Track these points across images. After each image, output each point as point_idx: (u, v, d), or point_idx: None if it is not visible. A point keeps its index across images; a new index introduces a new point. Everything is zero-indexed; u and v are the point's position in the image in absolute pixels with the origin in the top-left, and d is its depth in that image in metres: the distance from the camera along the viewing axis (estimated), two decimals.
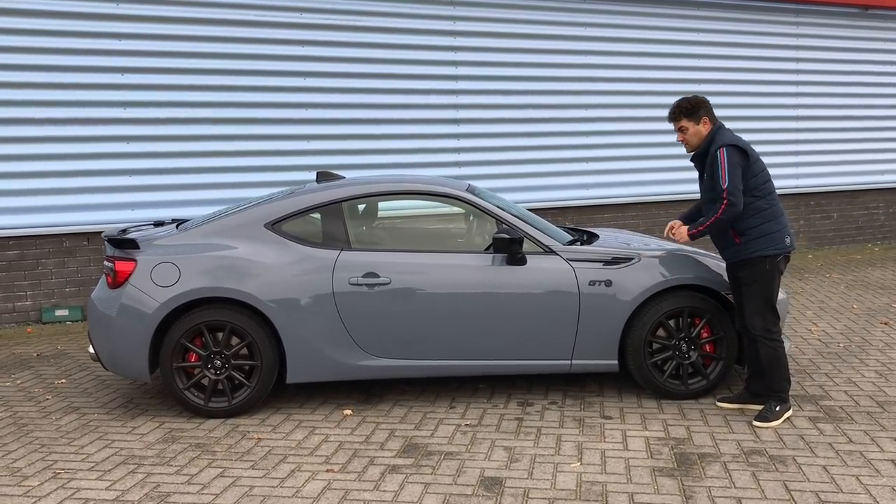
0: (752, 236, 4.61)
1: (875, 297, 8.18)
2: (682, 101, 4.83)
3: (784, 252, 4.66)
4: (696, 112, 4.76)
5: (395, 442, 4.44)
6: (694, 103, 4.78)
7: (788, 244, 4.67)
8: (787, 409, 4.65)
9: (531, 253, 5.01)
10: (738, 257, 4.69)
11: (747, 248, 4.63)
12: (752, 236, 4.61)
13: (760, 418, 4.59)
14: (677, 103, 4.85)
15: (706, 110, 4.78)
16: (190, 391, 4.87)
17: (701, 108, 4.76)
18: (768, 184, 4.68)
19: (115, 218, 8.15)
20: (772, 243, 4.60)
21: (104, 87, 8.10)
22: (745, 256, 4.64)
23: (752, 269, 4.63)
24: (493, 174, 9.90)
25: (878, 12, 12.11)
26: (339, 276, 4.88)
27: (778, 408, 4.63)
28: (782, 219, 4.68)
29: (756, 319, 4.63)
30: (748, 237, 4.62)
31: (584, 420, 4.72)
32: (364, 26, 9.14)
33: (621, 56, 10.56)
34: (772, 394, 4.68)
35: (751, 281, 4.65)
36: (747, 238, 4.62)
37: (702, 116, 4.76)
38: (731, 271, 4.82)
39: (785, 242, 4.65)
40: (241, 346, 4.85)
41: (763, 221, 4.61)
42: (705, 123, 4.76)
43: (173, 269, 4.83)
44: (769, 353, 4.63)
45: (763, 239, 4.60)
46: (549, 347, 5.00)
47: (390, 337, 4.92)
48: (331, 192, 5.14)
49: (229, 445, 4.44)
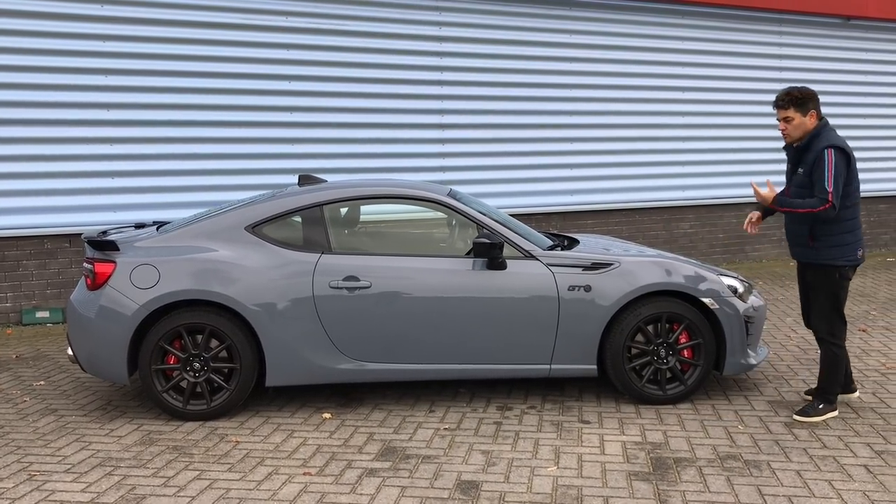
0: (827, 244, 4.62)
1: (854, 304, 8.26)
2: (793, 90, 4.70)
3: (854, 264, 4.68)
4: (805, 104, 4.65)
5: (374, 445, 4.45)
6: (805, 94, 4.66)
7: (860, 256, 4.68)
8: (830, 411, 4.76)
9: (511, 258, 5.04)
10: (810, 259, 4.74)
11: (820, 254, 4.65)
12: (827, 244, 4.62)
13: (802, 413, 4.75)
14: (787, 91, 4.72)
15: (815, 104, 4.68)
16: (168, 394, 4.86)
17: (810, 101, 4.66)
18: (857, 193, 4.66)
19: (98, 220, 8.11)
20: (844, 254, 4.62)
21: (88, 88, 8.07)
22: (816, 261, 4.68)
23: (822, 276, 4.68)
24: (478, 179, 9.93)
25: (860, 22, 12.25)
26: (319, 279, 4.88)
27: (822, 406, 4.76)
28: (858, 231, 4.68)
29: (822, 323, 4.74)
30: (823, 243, 4.63)
31: (563, 424, 4.75)
32: (349, 31, 9.16)
33: (606, 63, 10.63)
34: (821, 393, 4.79)
35: (819, 286, 4.71)
36: (821, 244, 4.63)
37: (810, 109, 4.66)
38: (801, 270, 4.94)
39: (857, 255, 4.66)
40: (220, 349, 4.85)
41: (842, 231, 4.61)
42: (812, 117, 4.67)
43: (153, 272, 4.82)
44: (830, 355, 4.74)
45: (837, 249, 4.61)
46: (529, 352, 5.02)
47: (370, 341, 4.92)
48: (312, 195, 5.14)
49: (207, 448, 4.43)
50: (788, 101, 4.67)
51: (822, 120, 4.70)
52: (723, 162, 11.38)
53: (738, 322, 5.09)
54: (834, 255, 4.62)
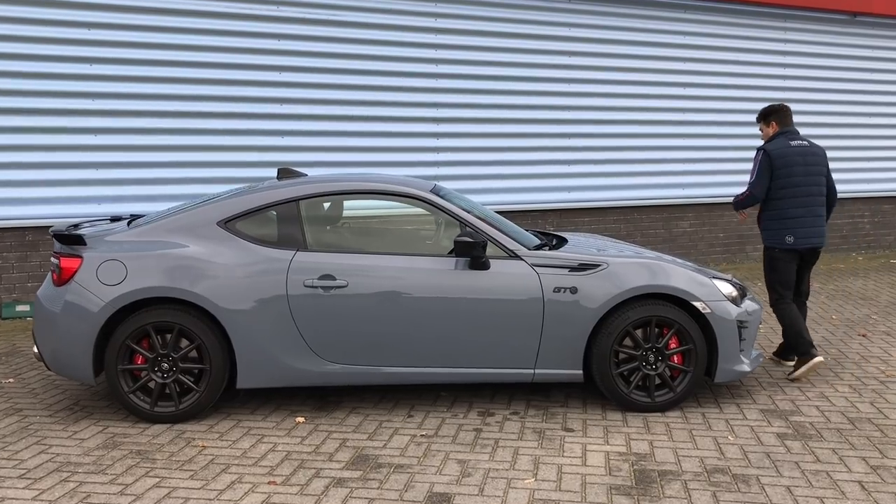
0: (764, 227, 5.76)
1: (855, 307, 8.04)
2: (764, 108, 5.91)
3: (784, 248, 5.62)
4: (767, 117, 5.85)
5: (345, 453, 4.25)
6: (767, 110, 5.86)
7: (789, 243, 5.60)
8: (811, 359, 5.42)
9: (495, 257, 4.83)
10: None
11: (761, 235, 5.83)
12: (764, 227, 5.76)
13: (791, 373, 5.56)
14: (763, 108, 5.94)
15: (775, 116, 5.80)
16: (136, 395, 4.67)
17: (771, 115, 5.83)
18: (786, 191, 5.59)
19: (80, 212, 7.93)
20: (771, 238, 5.69)
21: (71, 77, 7.88)
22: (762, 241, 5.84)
23: (764, 253, 5.81)
24: (473, 174, 9.72)
25: (867, 19, 11.98)
26: (293, 277, 4.68)
27: (799, 358, 5.51)
28: (789, 221, 5.59)
29: (769, 292, 5.77)
30: (762, 227, 5.77)
31: (545, 432, 4.55)
32: (343, 21, 8.95)
33: (606, 58, 10.39)
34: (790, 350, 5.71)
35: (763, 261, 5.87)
36: (762, 228, 5.78)
37: (771, 121, 5.84)
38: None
39: (785, 241, 5.61)
40: (189, 349, 4.66)
41: (771, 219, 5.67)
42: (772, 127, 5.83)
43: (120, 267, 4.63)
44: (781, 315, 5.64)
45: (766, 232, 5.73)
46: (512, 355, 4.81)
47: (346, 342, 4.73)
48: (288, 189, 4.94)
49: (171, 453, 4.24)
50: (759, 117, 5.93)
51: (782, 128, 5.74)
52: (724, 160, 11.11)
53: (730, 327, 4.88)
54: (765, 237, 5.76)
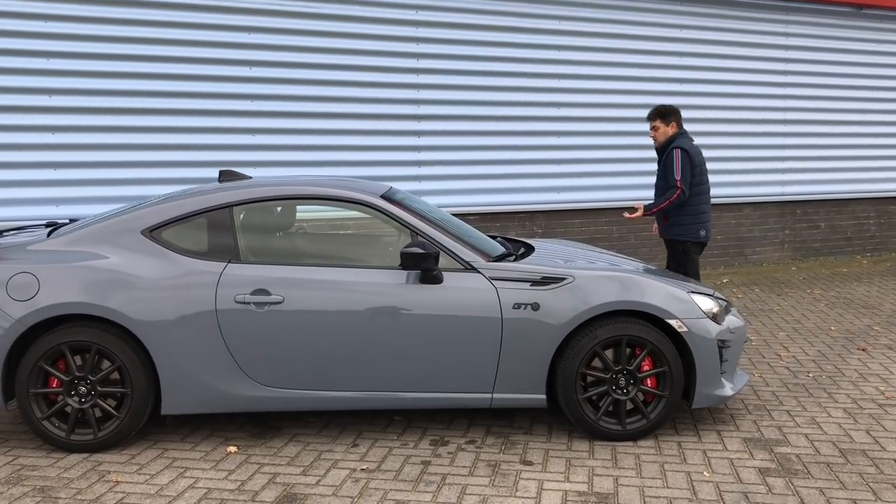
0: (675, 223, 6.01)
1: (856, 317, 7.54)
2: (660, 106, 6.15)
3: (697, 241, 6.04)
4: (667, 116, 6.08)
5: (272, 491, 3.80)
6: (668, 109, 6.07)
7: (702, 236, 6.03)
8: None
9: (449, 270, 4.37)
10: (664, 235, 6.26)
11: (670, 230, 6.12)
12: (675, 223, 6.01)
13: None
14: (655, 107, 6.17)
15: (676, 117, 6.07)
16: (49, 421, 4.24)
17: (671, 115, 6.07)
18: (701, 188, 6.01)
19: (37, 214, 7.48)
20: (686, 232, 6.02)
21: (27, 72, 7.46)
22: (668, 236, 6.15)
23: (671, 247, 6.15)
24: (457, 175, 9.24)
25: (873, 12, 11.44)
26: (223, 292, 4.23)
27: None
28: (703, 216, 6.02)
29: None
30: (672, 222, 6.01)
31: (500, 466, 4.08)
32: (318, 13, 8.49)
33: (597, 52, 9.88)
34: None
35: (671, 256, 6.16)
36: (672, 223, 6.03)
37: (671, 121, 6.07)
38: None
39: (699, 234, 6.01)
40: (109, 371, 4.22)
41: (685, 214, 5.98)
42: (672, 126, 6.10)
43: (32, 281, 4.19)
44: None
45: (680, 227, 6.02)
46: (468, 379, 4.35)
47: (283, 364, 4.28)
48: (219, 195, 4.48)
49: (78, 490, 3.80)
50: (655, 114, 6.07)
51: (681, 129, 6.07)
52: (721, 159, 10.56)
53: (710, 347, 4.41)
54: (678, 232, 6.03)
